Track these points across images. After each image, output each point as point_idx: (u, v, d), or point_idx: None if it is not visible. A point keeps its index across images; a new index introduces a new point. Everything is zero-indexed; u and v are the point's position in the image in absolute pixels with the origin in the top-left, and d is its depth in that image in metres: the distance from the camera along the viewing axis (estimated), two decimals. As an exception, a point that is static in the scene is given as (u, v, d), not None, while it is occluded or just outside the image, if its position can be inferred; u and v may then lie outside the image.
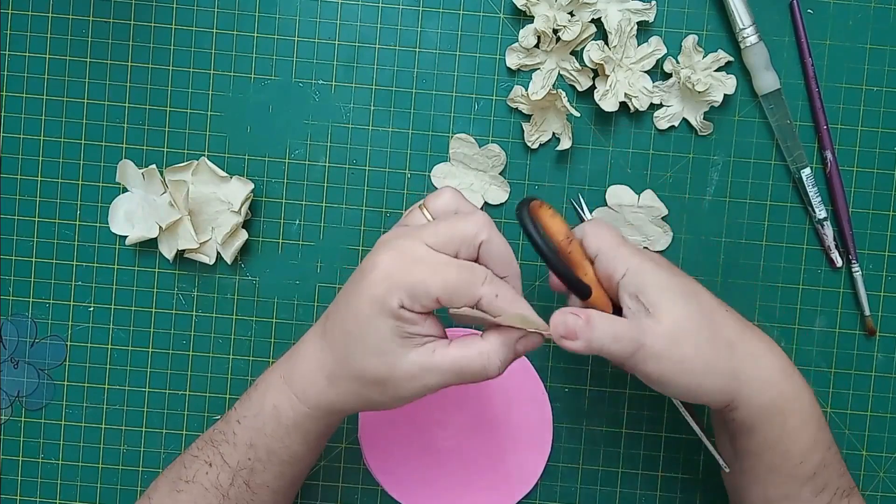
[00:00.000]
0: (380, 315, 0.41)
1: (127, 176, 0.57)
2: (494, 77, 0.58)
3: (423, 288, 0.41)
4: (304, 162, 0.59)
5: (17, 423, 0.59)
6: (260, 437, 0.46)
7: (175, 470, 0.48)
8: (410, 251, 0.42)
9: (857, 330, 0.59)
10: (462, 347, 0.43)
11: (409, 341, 0.42)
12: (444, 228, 0.42)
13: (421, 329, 0.42)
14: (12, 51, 0.59)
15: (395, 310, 0.41)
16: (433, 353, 0.42)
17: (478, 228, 0.42)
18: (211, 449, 0.47)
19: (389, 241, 0.43)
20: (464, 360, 0.42)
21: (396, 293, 0.41)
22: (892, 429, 0.59)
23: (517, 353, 0.44)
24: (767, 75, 0.57)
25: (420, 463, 0.57)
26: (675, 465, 0.59)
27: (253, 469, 0.46)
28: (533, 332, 0.43)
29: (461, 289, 0.41)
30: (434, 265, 0.41)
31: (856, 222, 0.58)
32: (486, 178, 0.58)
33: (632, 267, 0.45)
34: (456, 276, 0.41)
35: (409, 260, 0.42)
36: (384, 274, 0.41)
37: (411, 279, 0.41)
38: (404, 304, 0.41)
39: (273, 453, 0.46)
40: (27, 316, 0.59)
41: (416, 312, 0.42)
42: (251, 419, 0.46)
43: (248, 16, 0.58)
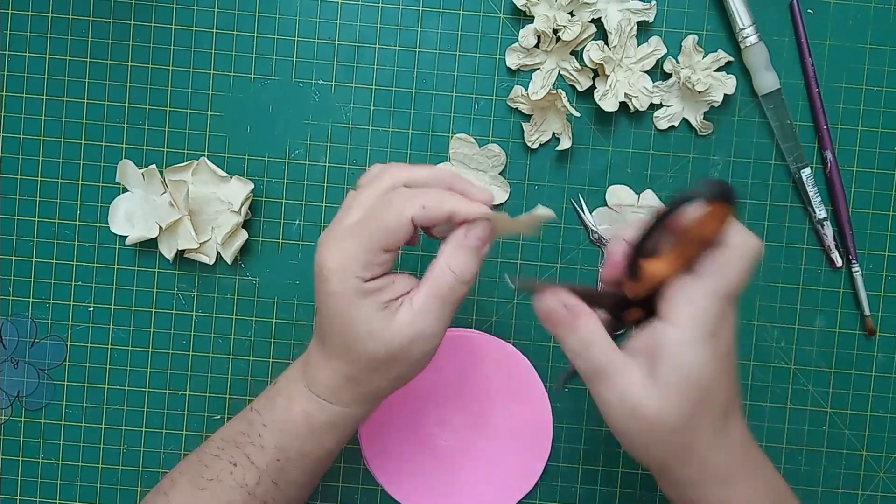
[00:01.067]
0: (351, 302, 0.42)
1: (127, 176, 0.57)
2: (494, 77, 0.58)
3: (363, 252, 0.42)
4: (304, 162, 0.59)
5: (17, 423, 0.59)
6: (291, 440, 0.46)
7: (194, 468, 0.48)
8: (336, 232, 0.43)
9: (857, 330, 0.59)
10: (427, 279, 0.43)
11: (390, 307, 0.42)
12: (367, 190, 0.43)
13: (394, 292, 0.43)
14: (12, 51, 0.59)
15: (359, 288, 0.42)
16: (411, 303, 0.43)
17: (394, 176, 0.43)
18: (234, 450, 0.47)
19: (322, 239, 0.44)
20: (435, 287, 0.43)
21: (348, 275, 0.42)
22: (892, 429, 0.59)
23: (474, 247, 0.43)
24: (767, 75, 0.57)
25: (420, 463, 0.57)
26: (675, 465, 0.59)
27: (282, 468, 0.46)
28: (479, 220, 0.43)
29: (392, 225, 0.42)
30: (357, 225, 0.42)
31: (856, 222, 0.58)
32: (486, 178, 0.58)
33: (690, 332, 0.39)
34: (382, 219, 0.42)
35: (338, 239, 0.42)
36: (328, 266, 0.42)
37: (350, 252, 0.42)
38: (362, 276, 0.42)
39: (306, 455, 0.46)
40: (27, 316, 0.59)
41: (378, 278, 0.42)
42: (280, 424, 0.46)
43: (248, 16, 0.58)
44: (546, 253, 0.59)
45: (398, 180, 0.43)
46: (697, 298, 0.40)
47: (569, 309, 0.42)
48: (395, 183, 0.43)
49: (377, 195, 0.43)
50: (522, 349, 0.58)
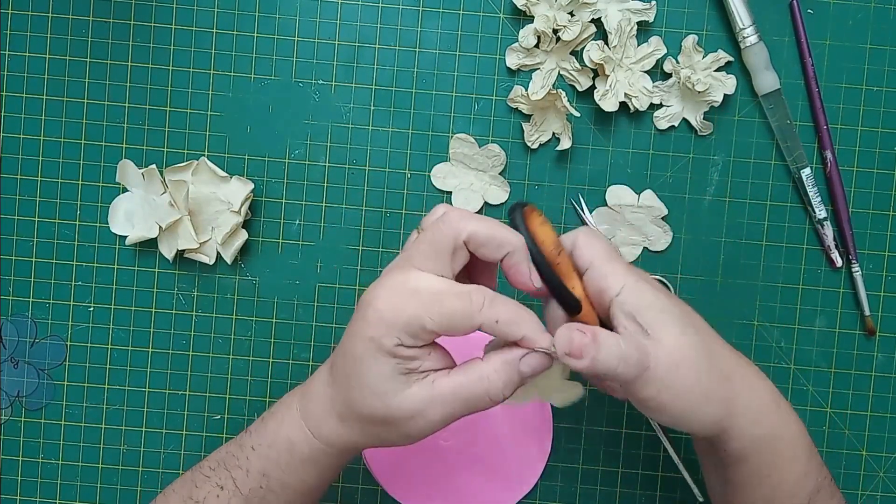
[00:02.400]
0: (377, 356, 0.40)
1: (127, 176, 0.57)
2: (494, 77, 0.58)
3: (417, 324, 0.40)
4: (304, 162, 0.59)
5: (17, 423, 0.59)
6: (274, 468, 0.45)
7: (186, 487, 0.47)
8: (403, 284, 0.41)
9: (857, 330, 0.59)
10: (462, 373, 0.41)
11: (409, 377, 0.41)
12: (426, 244, 0.41)
13: (423, 364, 0.41)
14: (12, 51, 0.59)
15: (391, 349, 0.40)
16: (432, 385, 0.41)
17: (453, 228, 0.41)
18: (223, 472, 0.46)
19: (385, 275, 0.42)
20: (464, 388, 0.41)
21: (391, 332, 0.40)
22: (892, 429, 0.59)
23: (522, 373, 0.42)
24: (767, 75, 0.57)
25: (420, 463, 0.57)
26: (674, 465, 0.59)
27: (265, 498, 0.45)
28: (541, 352, 0.42)
29: (458, 320, 0.40)
30: (428, 298, 0.40)
31: (856, 222, 0.58)
32: (486, 178, 0.58)
33: (629, 284, 0.43)
34: (450, 308, 0.40)
35: (402, 294, 0.40)
36: (378, 314, 0.40)
37: (405, 317, 0.40)
38: (402, 342, 0.40)
39: (287, 485, 0.45)
40: (27, 316, 0.59)
41: (415, 348, 0.41)
42: (265, 449, 0.45)
43: (248, 16, 0.58)
44: (546, 253, 0.59)
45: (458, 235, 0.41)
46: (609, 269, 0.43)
47: (584, 332, 0.41)
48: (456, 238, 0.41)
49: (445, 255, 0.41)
50: (522, 349, 0.58)
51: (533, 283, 0.42)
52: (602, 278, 0.43)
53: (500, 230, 0.41)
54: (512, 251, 0.41)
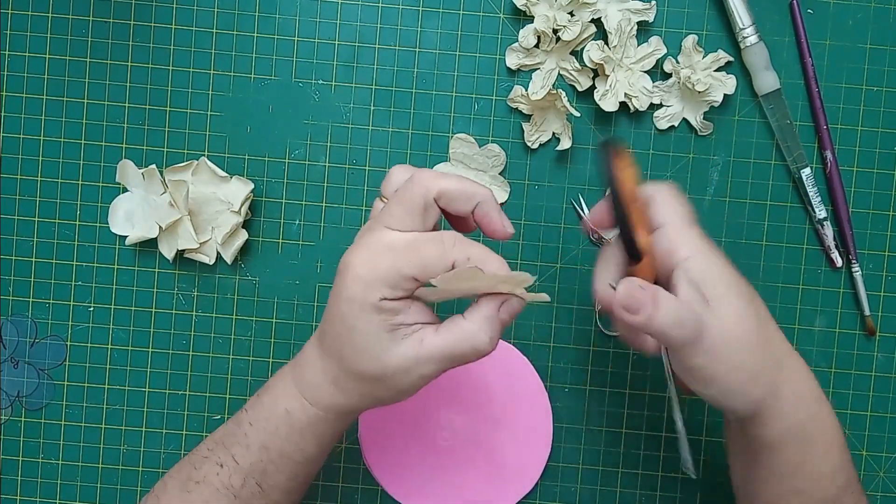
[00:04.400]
0: (362, 313, 0.42)
1: (127, 176, 0.57)
2: (494, 77, 0.58)
3: (395, 273, 0.41)
4: (304, 162, 0.59)
5: (17, 423, 0.59)
6: (273, 439, 0.46)
7: (185, 470, 0.48)
8: (377, 242, 0.42)
9: (857, 330, 0.59)
10: (448, 332, 0.42)
11: (396, 333, 0.42)
12: (396, 205, 0.42)
13: (407, 317, 0.42)
14: (12, 51, 0.59)
15: (376, 304, 0.41)
16: (421, 343, 0.42)
17: (423, 187, 0.42)
18: (222, 450, 0.47)
19: (358, 239, 0.43)
20: (452, 345, 0.42)
21: (372, 287, 0.41)
22: (892, 429, 0.59)
23: (503, 322, 0.43)
24: (767, 75, 0.57)
25: (420, 463, 0.57)
26: (675, 465, 0.59)
27: (265, 470, 0.46)
28: (514, 296, 0.43)
29: (432, 260, 0.41)
30: (402, 247, 0.41)
31: (856, 222, 0.58)
32: (486, 178, 0.58)
33: (700, 252, 0.44)
34: (424, 251, 0.41)
35: (377, 250, 0.42)
36: (356, 272, 0.41)
37: (383, 269, 0.41)
38: (385, 296, 0.41)
39: (286, 455, 0.46)
40: (27, 316, 0.59)
41: (398, 300, 0.42)
42: (263, 422, 0.46)
43: (248, 16, 0.58)
44: (546, 253, 0.59)
45: (428, 192, 0.42)
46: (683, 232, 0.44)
47: (645, 289, 0.42)
48: (427, 195, 0.42)
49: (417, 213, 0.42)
50: (522, 349, 0.58)
51: (506, 228, 0.44)
52: (675, 239, 0.44)
53: (469, 184, 0.43)
54: (482, 201, 0.43)
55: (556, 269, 0.59)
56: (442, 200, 0.43)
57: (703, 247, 0.44)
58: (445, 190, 0.42)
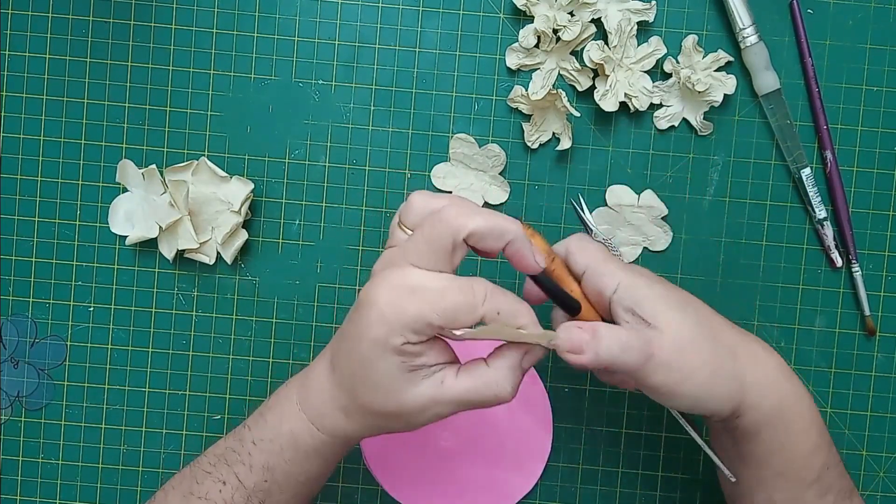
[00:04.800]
0: (383, 355, 0.41)
1: (127, 176, 0.57)
2: (494, 77, 0.58)
3: (422, 321, 0.40)
4: (304, 162, 0.59)
5: (17, 423, 0.59)
6: (278, 461, 0.45)
7: (186, 483, 0.48)
8: (403, 282, 0.41)
9: (857, 330, 0.59)
10: (470, 378, 0.42)
11: (417, 373, 0.41)
12: (424, 244, 0.41)
13: (427, 359, 0.42)
14: (12, 51, 0.59)
15: (397, 347, 0.40)
16: (442, 385, 0.42)
17: (452, 228, 0.40)
18: (224, 467, 0.46)
19: (381, 274, 0.42)
20: (473, 392, 0.42)
21: (397, 332, 0.40)
22: (892, 429, 0.59)
23: (524, 370, 0.43)
24: (767, 75, 0.57)
25: (420, 463, 0.57)
26: (675, 465, 0.59)
27: (269, 491, 0.46)
28: (537, 346, 0.43)
29: (460, 313, 0.40)
30: (430, 294, 0.40)
31: (856, 222, 0.58)
32: (486, 178, 0.58)
33: (623, 281, 0.45)
34: (453, 302, 0.40)
35: (403, 293, 0.40)
36: (381, 314, 0.40)
37: (409, 314, 0.40)
38: (409, 341, 0.40)
39: (291, 476, 0.46)
40: (27, 316, 0.59)
41: (420, 343, 0.41)
42: (268, 443, 0.46)
43: (248, 16, 0.58)
44: (546, 253, 0.59)
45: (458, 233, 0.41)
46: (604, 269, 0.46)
47: (583, 329, 0.43)
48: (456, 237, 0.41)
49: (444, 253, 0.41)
50: (522, 349, 0.58)
51: (538, 263, 0.43)
52: (598, 279, 0.45)
53: (498, 221, 0.41)
54: (513, 239, 0.42)
55: (556, 269, 0.59)
56: (472, 239, 0.41)
57: (625, 275, 0.45)
58: (476, 230, 0.41)
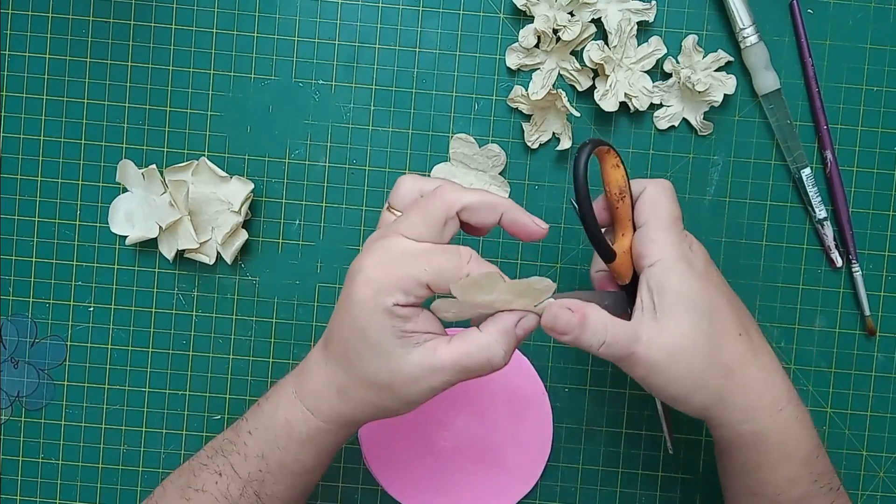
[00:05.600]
0: (373, 317, 0.41)
1: (127, 176, 0.57)
2: (494, 77, 0.58)
3: (410, 279, 0.41)
4: (304, 162, 0.59)
5: (17, 423, 0.59)
6: (272, 449, 0.45)
7: (184, 477, 0.48)
8: (392, 247, 0.42)
9: (857, 330, 0.59)
10: (463, 343, 0.42)
11: (407, 340, 0.42)
12: (417, 216, 0.42)
13: (416, 325, 0.42)
14: (12, 51, 0.59)
15: (388, 308, 0.41)
16: (434, 353, 0.42)
17: (446, 201, 0.42)
18: (221, 458, 0.46)
19: (369, 244, 0.43)
20: (466, 357, 0.42)
21: (386, 291, 0.41)
22: (892, 429, 0.59)
23: (518, 337, 0.43)
24: (767, 75, 0.57)
25: (420, 463, 0.57)
26: (675, 465, 0.59)
27: (264, 481, 0.46)
28: (530, 312, 0.43)
29: (448, 270, 0.41)
30: (418, 254, 0.41)
31: (856, 222, 0.58)
32: (486, 178, 0.58)
33: (666, 260, 0.44)
34: (441, 260, 0.41)
35: (392, 256, 0.41)
36: (369, 276, 0.41)
37: (398, 273, 0.41)
38: (398, 301, 0.41)
39: (285, 466, 0.46)
40: (27, 316, 0.59)
41: (409, 306, 0.41)
42: (263, 431, 0.46)
43: (248, 16, 0.58)
44: (546, 253, 0.59)
45: (451, 207, 0.42)
46: (656, 237, 0.45)
47: (573, 310, 0.43)
48: (449, 210, 0.42)
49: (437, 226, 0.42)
50: (522, 349, 0.58)
51: (539, 225, 0.44)
52: (647, 243, 0.45)
53: (490, 195, 0.43)
54: (506, 210, 0.43)
55: (557, 269, 0.59)
56: (465, 213, 0.42)
57: (673, 254, 0.44)
58: (469, 203, 0.42)
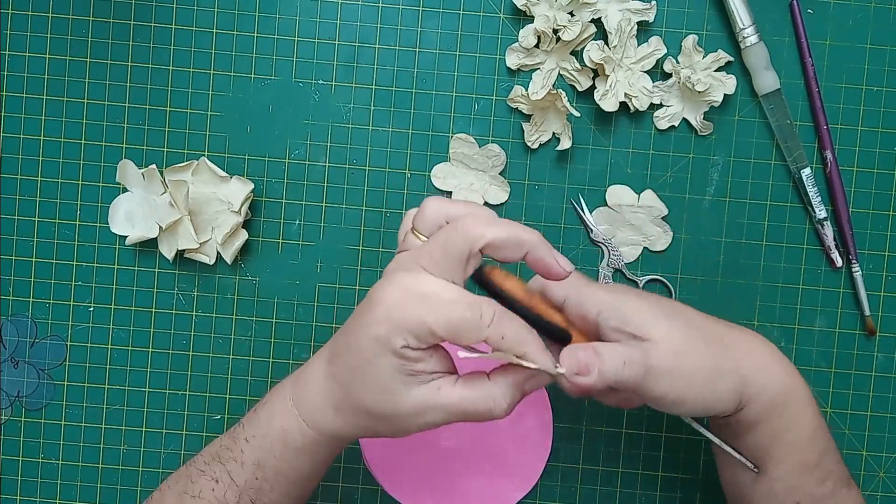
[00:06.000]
0: (382, 354, 0.40)
1: (127, 176, 0.57)
2: (494, 77, 0.58)
3: (425, 328, 0.40)
4: (304, 162, 0.59)
5: (17, 423, 0.59)
6: (268, 458, 0.45)
7: (181, 482, 0.48)
8: (413, 286, 0.40)
9: (857, 330, 0.59)
10: (468, 388, 0.42)
11: (413, 378, 0.41)
12: (437, 251, 0.41)
13: (426, 366, 0.41)
14: (12, 51, 0.59)
15: (397, 350, 0.40)
16: (438, 392, 0.41)
17: (469, 238, 0.40)
18: (218, 465, 0.46)
19: (393, 275, 0.41)
20: (468, 402, 0.41)
21: (399, 333, 0.40)
22: (892, 429, 0.59)
23: (525, 393, 0.43)
24: (767, 75, 0.57)
25: (420, 463, 0.57)
26: (675, 465, 0.59)
27: (260, 489, 0.46)
28: (542, 371, 0.42)
29: (465, 330, 0.40)
30: (438, 304, 0.40)
31: (856, 222, 0.58)
32: (486, 178, 0.58)
33: (605, 301, 0.45)
34: (459, 318, 0.40)
35: (412, 297, 0.40)
36: (387, 313, 0.40)
37: (414, 319, 0.40)
38: (408, 345, 0.40)
39: (281, 474, 0.46)
40: (27, 316, 0.59)
41: (420, 350, 0.41)
42: (259, 439, 0.46)
43: (248, 16, 0.58)
44: (546, 253, 0.59)
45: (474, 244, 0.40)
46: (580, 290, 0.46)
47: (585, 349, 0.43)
48: (472, 248, 0.40)
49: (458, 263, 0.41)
50: (522, 349, 0.58)
51: (564, 268, 0.42)
52: (580, 304, 0.46)
53: (515, 230, 0.41)
54: (531, 248, 0.41)
55: (556, 269, 0.59)
56: (488, 250, 0.41)
57: (606, 295, 0.45)
58: (493, 241, 0.40)
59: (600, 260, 0.59)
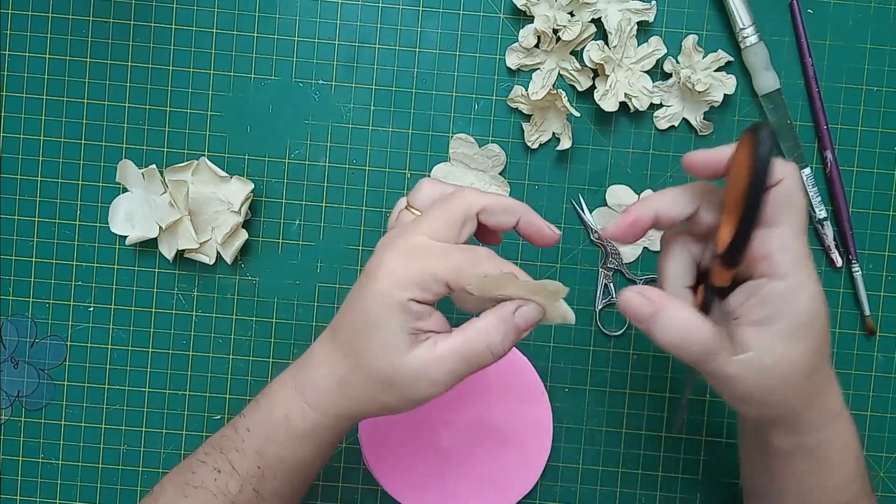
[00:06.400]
0: (389, 311, 0.41)
1: (127, 176, 0.57)
2: (494, 77, 0.58)
3: (430, 274, 0.41)
4: (304, 162, 0.59)
5: (17, 423, 0.59)
6: (270, 445, 0.46)
7: (182, 474, 0.48)
8: (412, 244, 0.42)
9: (857, 330, 0.59)
10: (461, 332, 0.43)
11: (415, 338, 0.42)
12: (438, 216, 0.43)
13: (427, 324, 0.42)
14: (12, 51, 0.59)
15: (404, 303, 0.41)
16: (434, 346, 0.42)
17: (466, 202, 0.43)
18: (219, 455, 0.47)
19: (390, 241, 0.43)
20: (465, 344, 0.42)
21: (405, 287, 0.41)
22: (892, 429, 0.59)
23: (518, 327, 0.43)
24: (767, 75, 0.57)
25: (420, 463, 0.57)
26: (675, 465, 0.59)
27: (262, 477, 0.46)
28: (531, 302, 0.43)
29: (466, 267, 0.41)
30: (437, 251, 0.42)
31: (856, 222, 0.58)
32: (486, 178, 0.59)
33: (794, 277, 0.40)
34: (459, 257, 0.42)
35: (412, 252, 0.42)
36: (390, 270, 0.42)
37: (417, 269, 0.41)
38: (414, 297, 0.41)
39: (283, 461, 0.46)
40: (27, 316, 0.59)
41: (424, 303, 0.42)
42: (260, 428, 0.46)
43: (248, 16, 0.58)
44: (546, 253, 0.59)
45: (471, 207, 0.43)
46: (790, 245, 0.41)
47: (649, 300, 0.42)
48: (469, 211, 0.43)
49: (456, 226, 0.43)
50: (522, 349, 0.58)
51: (553, 231, 0.44)
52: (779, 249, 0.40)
53: (508, 199, 0.44)
54: (523, 213, 0.44)
55: (556, 269, 0.59)
56: (484, 215, 0.43)
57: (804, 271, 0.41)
58: (488, 205, 0.43)
59: (600, 260, 0.59)
